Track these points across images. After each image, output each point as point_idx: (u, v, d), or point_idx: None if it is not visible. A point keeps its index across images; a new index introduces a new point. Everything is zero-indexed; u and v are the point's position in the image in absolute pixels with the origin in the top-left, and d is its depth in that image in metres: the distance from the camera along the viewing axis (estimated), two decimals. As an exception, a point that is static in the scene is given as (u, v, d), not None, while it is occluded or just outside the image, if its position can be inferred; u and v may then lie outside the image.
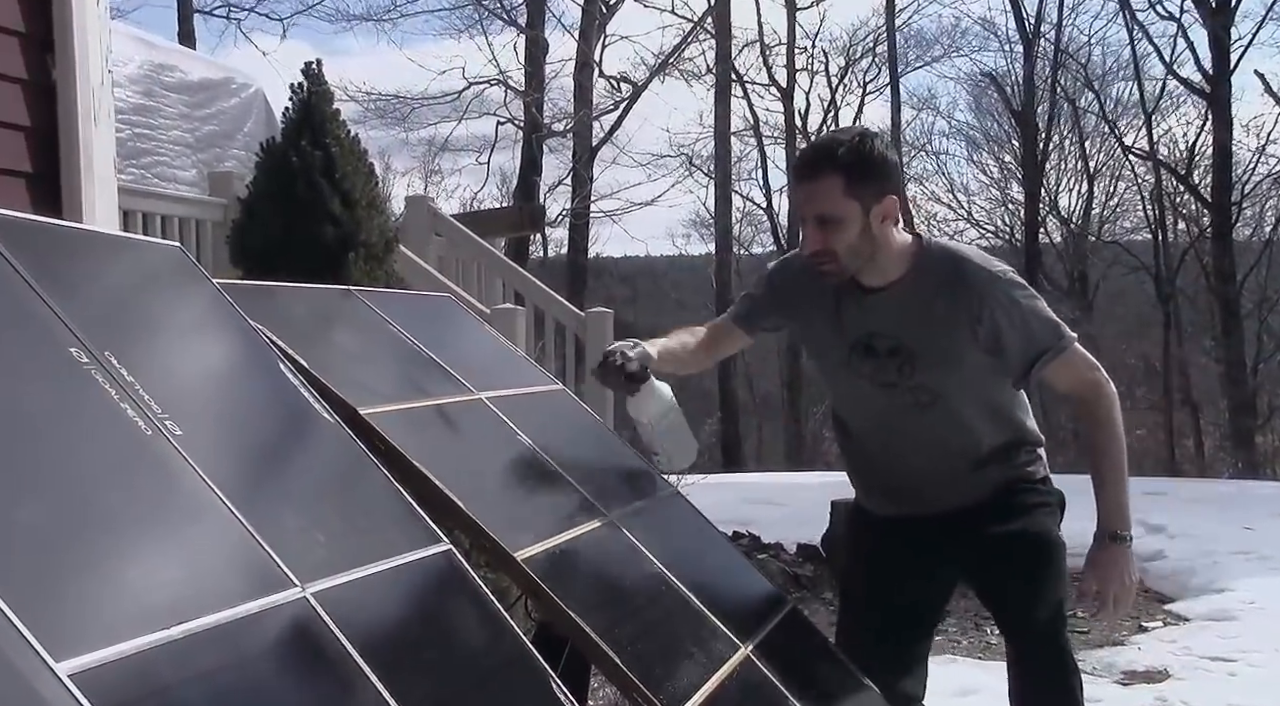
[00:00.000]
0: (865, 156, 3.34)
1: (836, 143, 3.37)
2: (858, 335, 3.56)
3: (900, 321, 3.49)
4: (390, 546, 2.74)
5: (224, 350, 3.07)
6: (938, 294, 3.45)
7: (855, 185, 3.34)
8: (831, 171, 3.33)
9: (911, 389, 3.52)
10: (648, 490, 4.12)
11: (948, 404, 3.52)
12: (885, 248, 3.44)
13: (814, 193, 3.35)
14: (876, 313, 3.53)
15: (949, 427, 3.56)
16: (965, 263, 3.47)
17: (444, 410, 3.68)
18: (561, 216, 29.44)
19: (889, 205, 3.38)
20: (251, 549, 2.34)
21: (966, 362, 3.48)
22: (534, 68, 27.45)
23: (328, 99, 6.89)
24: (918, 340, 3.48)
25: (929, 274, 3.47)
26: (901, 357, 3.50)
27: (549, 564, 3.18)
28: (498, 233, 13.60)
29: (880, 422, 3.64)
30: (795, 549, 9.24)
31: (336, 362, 3.51)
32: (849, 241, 3.37)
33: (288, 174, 6.56)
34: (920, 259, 3.49)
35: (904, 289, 3.49)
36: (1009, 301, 3.43)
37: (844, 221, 3.35)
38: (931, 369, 3.49)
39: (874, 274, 3.50)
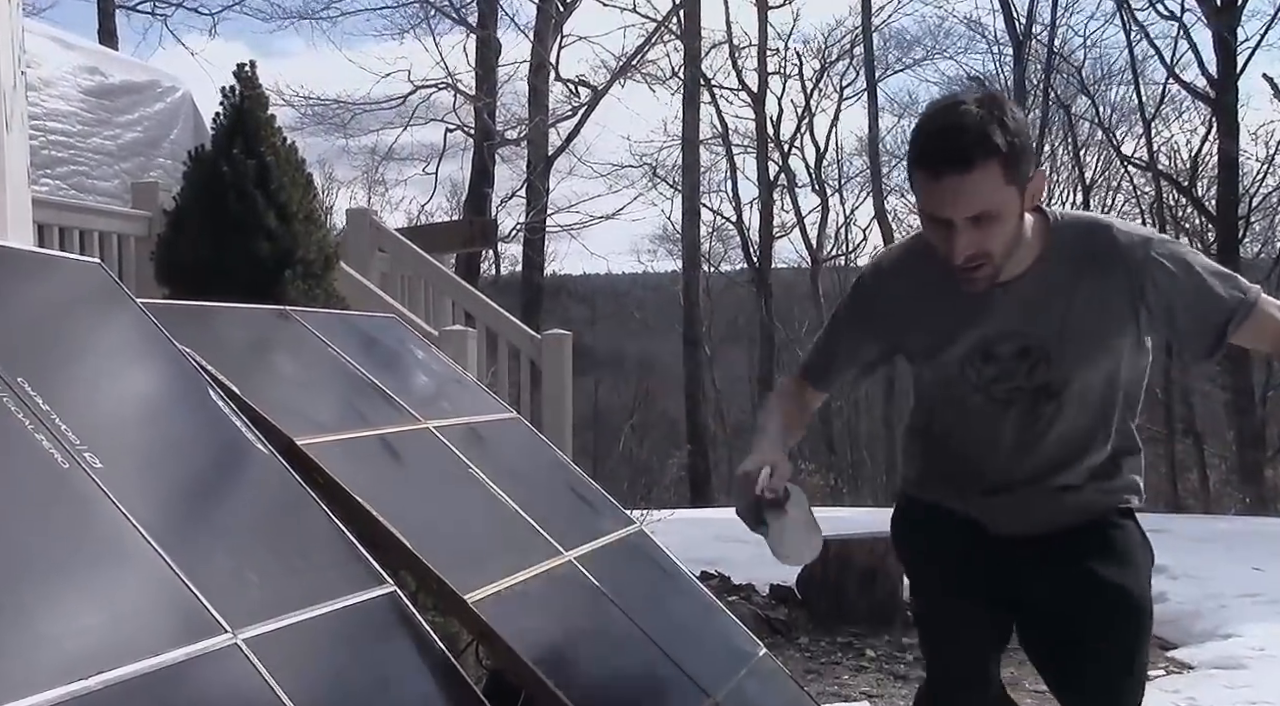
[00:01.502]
0: (1015, 131, 2.85)
1: (984, 117, 2.84)
2: (974, 341, 3.13)
3: (1033, 316, 3.07)
4: (329, 588, 2.73)
5: (149, 376, 3.06)
6: (1082, 273, 3.02)
7: (1014, 168, 2.85)
8: (987, 157, 2.81)
9: (1034, 391, 3.13)
10: (609, 527, 4.12)
11: (1073, 404, 3.13)
12: (1026, 235, 3.01)
13: (969, 187, 2.83)
14: (1001, 310, 3.08)
15: (1067, 437, 3.17)
16: (1108, 230, 3.05)
17: (388, 440, 3.68)
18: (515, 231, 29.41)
19: (1039, 183, 2.96)
20: (178, 592, 2.33)
21: (1114, 352, 3.10)
22: (485, 70, 27.45)
23: (262, 103, 6.86)
24: (1057, 335, 3.06)
25: (1066, 252, 3.04)
26: (1033, 359, 3.10)
27: (502, 607, 3.17)
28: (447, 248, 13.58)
29: (984, 426, 3.22)
30: (768, 590, 9.23)
31: (272, 389, 3.50)
32: (1007, 237, 2.93)
33: (218, 185, 6.54)
34: (1054, 237, 3.05)
35: (1037, 276, 3.05)
36: (1175, 263, 3.01)
37: (1003, 214, 2.88)
38: (1070, 365, 3.09)
39: (1010, 265, 3.03)
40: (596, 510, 4.20)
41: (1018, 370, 3.12)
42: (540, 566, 3.50)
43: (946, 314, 3.13)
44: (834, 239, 33.98)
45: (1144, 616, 3.18)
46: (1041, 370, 3.10)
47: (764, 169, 30.99)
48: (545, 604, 3.41)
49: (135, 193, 9.02)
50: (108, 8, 25.46)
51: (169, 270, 6.67)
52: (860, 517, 12.03)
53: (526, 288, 27.37)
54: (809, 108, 33.41)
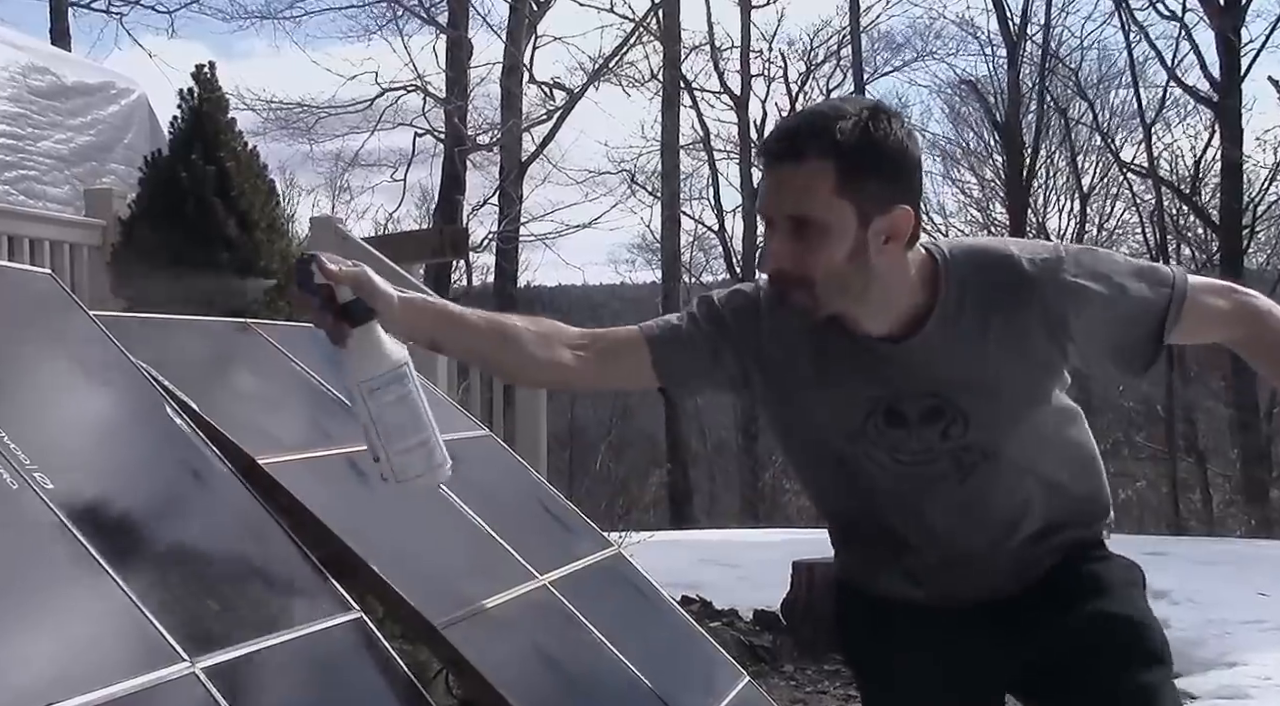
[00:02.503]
0: (875, 141, 2.55)
1: (836, 114, 2.57)
2: (874, 400, 2.77)
3: (942, 370, 2.73)
4: (292, 615, 2.73)
5: (103, 392, 3.06)
6: (989, 315, 2.71)
7: (853, 181, 2.54)
8: (820, 154, 2.53)
9: (957, 452, 2.79)
10: (585, 549, 4.12)
11: (1007, 459, 2.81)
12: (887, 281, 2.64)
13: (789, 181, 2.56)
14: (903, 366, 2.73)
15: (1010, 488, 2.85)
16: (1009, 259, 2.73)
17: (355, 459, 3.67)
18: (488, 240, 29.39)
19: (899, 220, 2.59)
20: (133, 619, 2.32)
21: (1044, 396, 2.82)
22: (456, 72, 27.45)
23: (221, 107, 6.86)
24: (973, 389, 2.75)
25: (966, 293, 2.72)
26: (946, 418, 2.76)
27: (473, 633, 3.17)
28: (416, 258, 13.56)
29: (901, 501, 2.86)
30: (752, 616, 9.22)
31: (232, 406, 3.49)
32: (832, 263, 2.57)
33: (176, 191, 6.53)
34: (946, 277, 2.72)
35: (935, 326, 2.71)
36: (1095, 280, 2.73)
37: (828, 231, 2.55)
38: (993, 421, 2.78)
39: (871, 315, 2.70)
40: (572, 532, 4.20)
41: (927, 433, 2.77)
42: (513, 591, 3.50)
43: (835, 365, 2.76)
44: (820, 248, 33.99)
45: (1164, 646, 2.90)
46: (957, 432, 2.76)
47: (747, 175, 30.99)
48: (518, 630, 3.41)
49: (89, 199, 8.99)
50: (60, 7, 25.40)
51: (124, 281, 6.65)
52: (848, 540, 12.01)
53: (499, 299, 27.33)
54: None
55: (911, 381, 2.74)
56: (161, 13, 26.99)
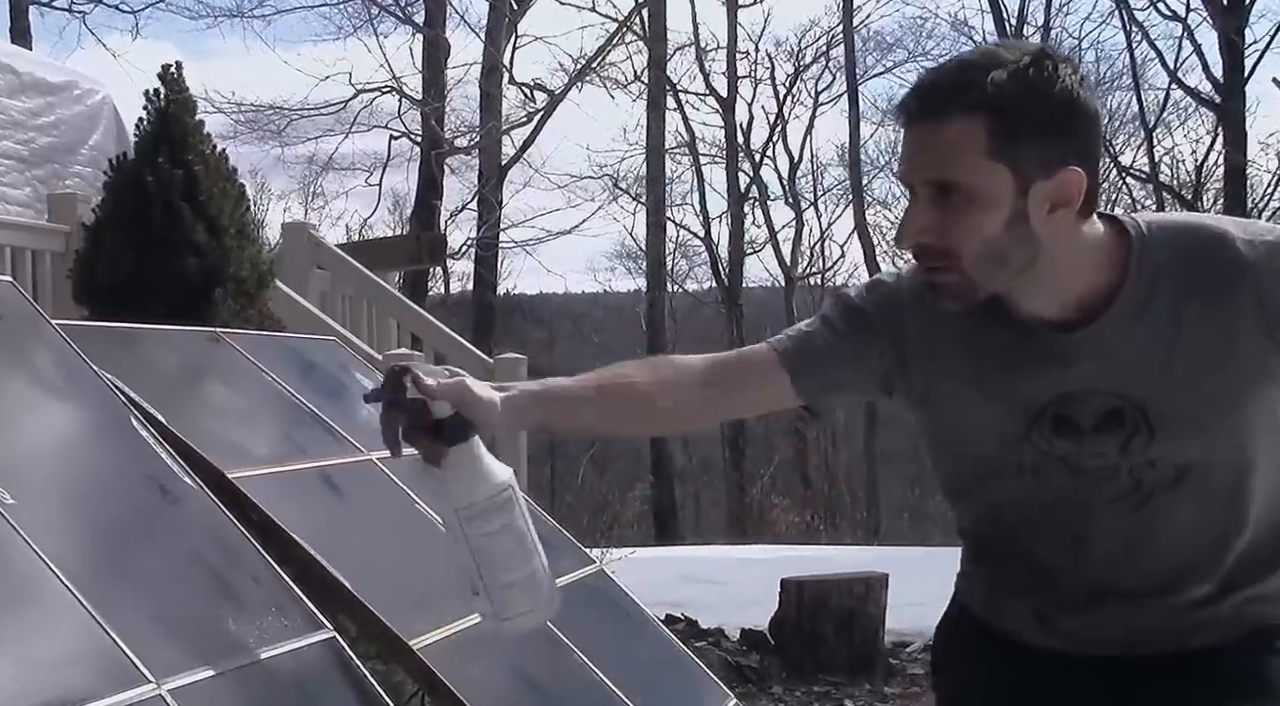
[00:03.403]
0: (1037, 92, 2.24)
1: (989, 62, 2.26)
2: (1041, 403, 2.42)
3: (1123, 367, 2.38)
4: (262, 634, 2.73)
5: (66, 405, 3.05)
6: (1186, 303, 2.35)
7: (1009, 140, 2.23)
8: (967, 111, 2.23)
9: (1138, 469, 2.41)
10: (566, 566, 4.13)
11: (1198, 485, 2.41)
12: (1057, 256, 2.31)
13: (931, 142, 2.27)
14: (1076, 361, 2.39)
15: (1194, 524, 2.44)
16: (1222, 238, 2.36)
17: (328, 473, 3.67)
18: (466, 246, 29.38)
19: (1067, 184, 2.26)
20: (97, 639, 2.32)
21: (1255, 409, 2.40)
22: (433, 73, 27.42)
23: (189, 108, 6.84)
24: (1162, 392, 2.37)
25: (1163, 276, 2.36)
26: (1128, 428, 2.39)
27: (450, 654, 3.17)
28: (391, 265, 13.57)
29: (1059, 522, 2.50)
30: (738, 635, 9.23)
31: (201, 419, 3.49)
32: (984, 235, 2.27)
33: (142, 196, 6.52)
34: (1140, 256, 2.36)
35: (1123, 314, 2.36)
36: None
37: (978, 198, 2.25)
38: (1186, 434, 2.38)
39: (1038, 295, 2.37)
40: (553, 549, 4.19)
41: (1106, 442, 2.40)
42: (492, 610, 3.50)
43: (994, 360, 2.44)
44: (809, 255, 34.00)
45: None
46: (1140, 445, 2.38)
47: (734, 180, 31.03)
48: (496, 650, 3.41)
49: (51, 204, 8.97)
50: (20, 5, 25.35)
51: (88, 289, 6.64)
52: (838, 556, 12.06)
53: (478, 308, 27.34)
54: (782, 114, 33.39)
55: (1086, 379, 2.39)
56: (126, 12, 26.92)
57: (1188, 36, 27.63)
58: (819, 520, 27.13)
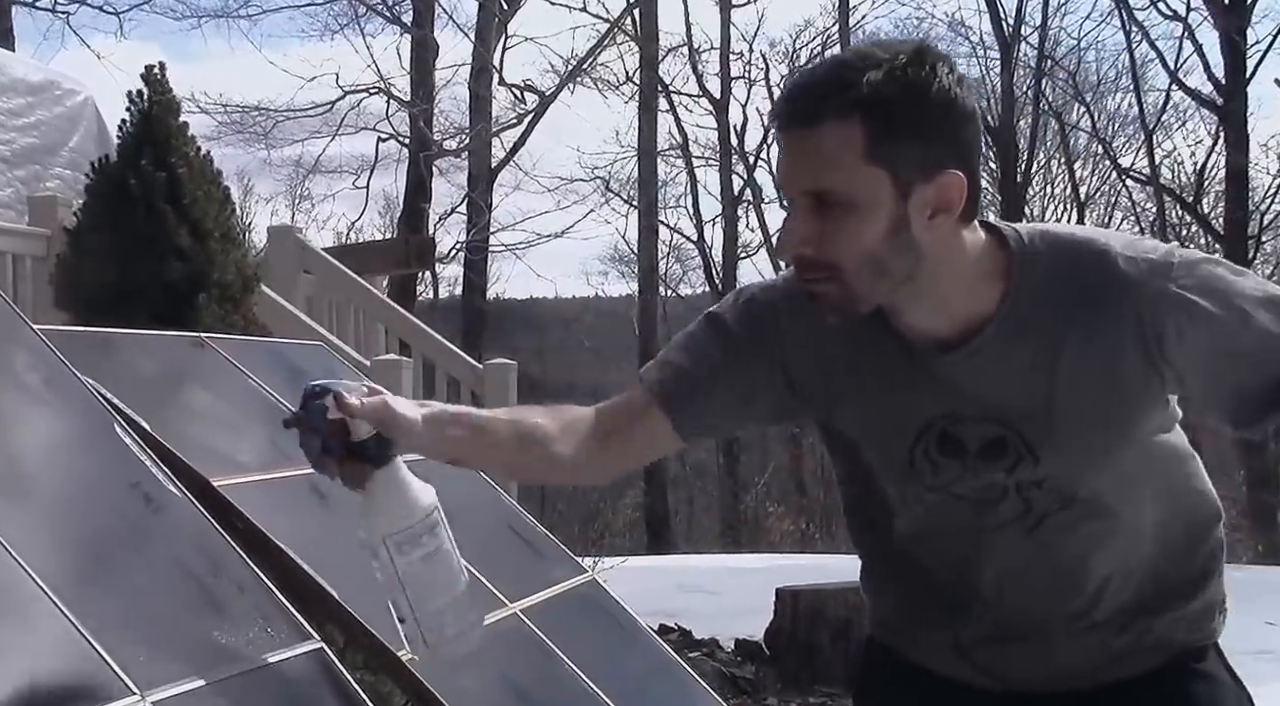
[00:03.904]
0: (914, 91, 2.14)
1: (864, 63, 2.15)
2: (925, 421, 2.34)
3: (1001, 390, 2.29)
4: (249, 645, 2.72)
5: (48, 412, 3.05)
6: (1067, 324, 2.26)
7: (887, 142, 2.13)
8: (842, 113, 2.12)
9: (1026, 489, 2.33)
10: (558, 576, 4.12)
11: (1088, 507, 2.35)
12: (938, 265, 2.22)
13: (806, 148, 2.16)
14: (956, 382, 2.30)
15: (1089, 546, 2.38)
16: (1103, 255, 2.26)
17: (315, 481, 3.67)
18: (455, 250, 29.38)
19: (948, 188, 2.16)
20: (80, 650, 2.32)
21: (1136, 432, 2.35)
22: (421, 74, 27.43)
23: (173, 110, 6.84)
24: (1041, 417, 2.29)
25: (1044, 293, 2.27)
26: (1011, 455, 2.31)
27: (440, 665, 3.17)
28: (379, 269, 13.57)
29: (953, 549, 2.43)
30: (733, 645, 9.23)
31: (186, 426, 3.49)
32: (864, 245, 2.16)
33: (125, 199, 6.51)
34: (1022, 271, 2.27)
35: (1000, 331, 2.26)
36: (1209, 297, 2.24)
37: (857, 206, 2.14)
38: (1070, 460, 2.31)
39: (921, 310, 2.27)
40: (544, 557, 4.20)
41: (989, 466, 2.32)
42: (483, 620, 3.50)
43: (876, 375, 2.36)
44: (804, 259, 33.99)
45: None
46: (1025, 470, 2.31)
47: (727, 182, 31.08)
48: (488, 661, 3.41)
49: (32, 207, 8.97)
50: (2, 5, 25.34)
51: (70, 294, 6.64)
52: (834, 565, 12.05)
53: (467, 313, 27.34)
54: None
55: (967, 402, 2.29)
56: (110, 13, 26.91)
57: (1188, 37, 27.69)
58: (814, 528, 27.10)
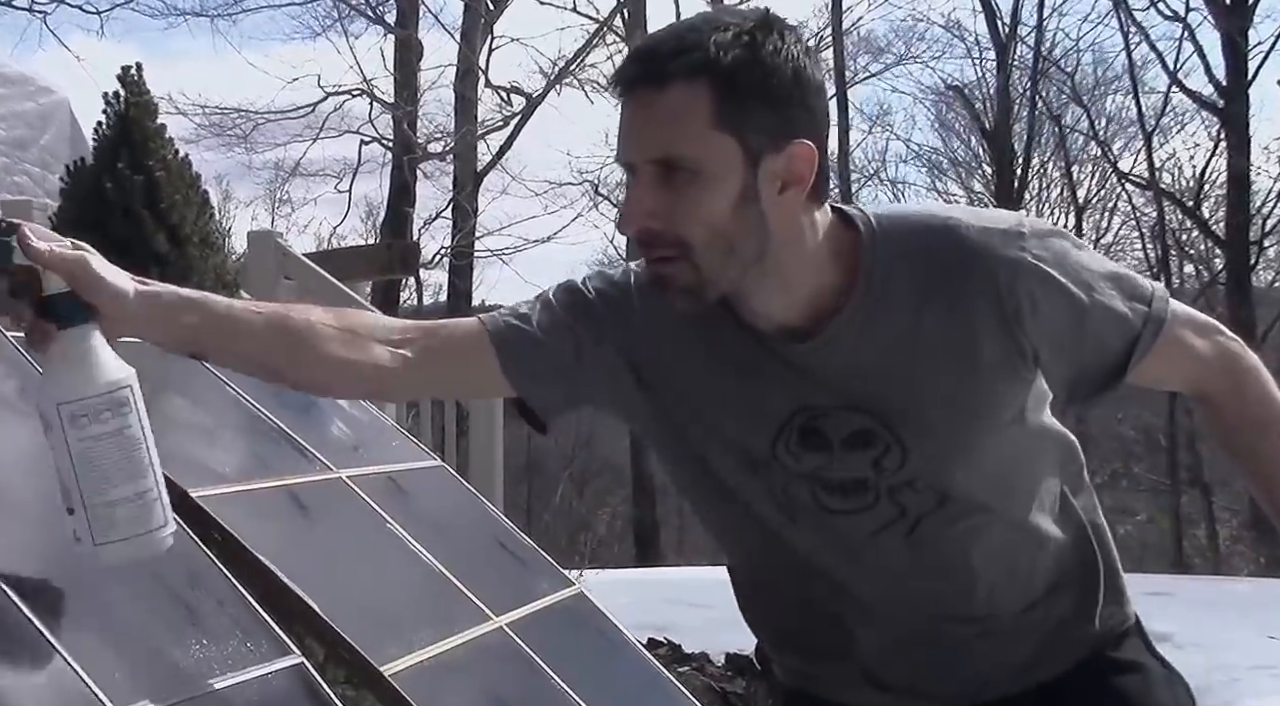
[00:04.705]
0: (762, 57, 2.06)
1: (710, 26, 2.08)
2: (784, 416, 2.22)
3: (861, 379, 2.19)
4: (226, 660, 2.71)
5: (20, 420, 3.04)
6: (922, 304, 2.18)
7: (735, 107, 2.05)
8: (688, 75, 2.04)
9: (898, 491, 2.24)
10: (545, 589, 4.12)
11: (964, 501, 2.26)
12: (786, 246, 2.12)
13: (651, 113, 2.07)
14: (813, 373, 2.19)
15: (971, 541, 2.29)
16: (952, 230, 2.18)
17: (296, 492, 3.66)
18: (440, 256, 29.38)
19: (799, 158, 2.08)
20: (54, 667, 2.31)
21: (1004, 414, 2.24)
22: (405, 75, 27.42)
23: (150, 112, 6.83)
24: (906, 405, 2.20)
25: (895, 274, 2.18)
26: (878, 446, 2.21)
27: (423, 680, 3.16)
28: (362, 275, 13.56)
29: (829, 562, 2.30)
30: (724, 660, 9.22)
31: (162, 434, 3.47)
32: (712, 217, 2.07)
33: (101, 203, 6.51)
34: (870, 253, 2.18)
35: (854, 317, 2.17)
36: (1062, 269, 2.19)
37: (704, 174, 2.05)
38: (939, 449, 2.22)
39: (768, 296, 2.17)
40: (530, 569, 4.19)
41: (856, 460, 2.22)
42: (466, 634, 3.50)
43: (730, 368, 2.23)
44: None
45: None
46: (893, 463, 2.21)
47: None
48: (472, 676, 3.41)
49: (5, 210, 8.95)
50: (-21, 4, 25.31)
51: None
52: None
53: (452, 319, 27.27)
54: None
55: (827, 392, 2.20)
56: (90, 12, 26.87)
57: (1189, 37, 27.71)
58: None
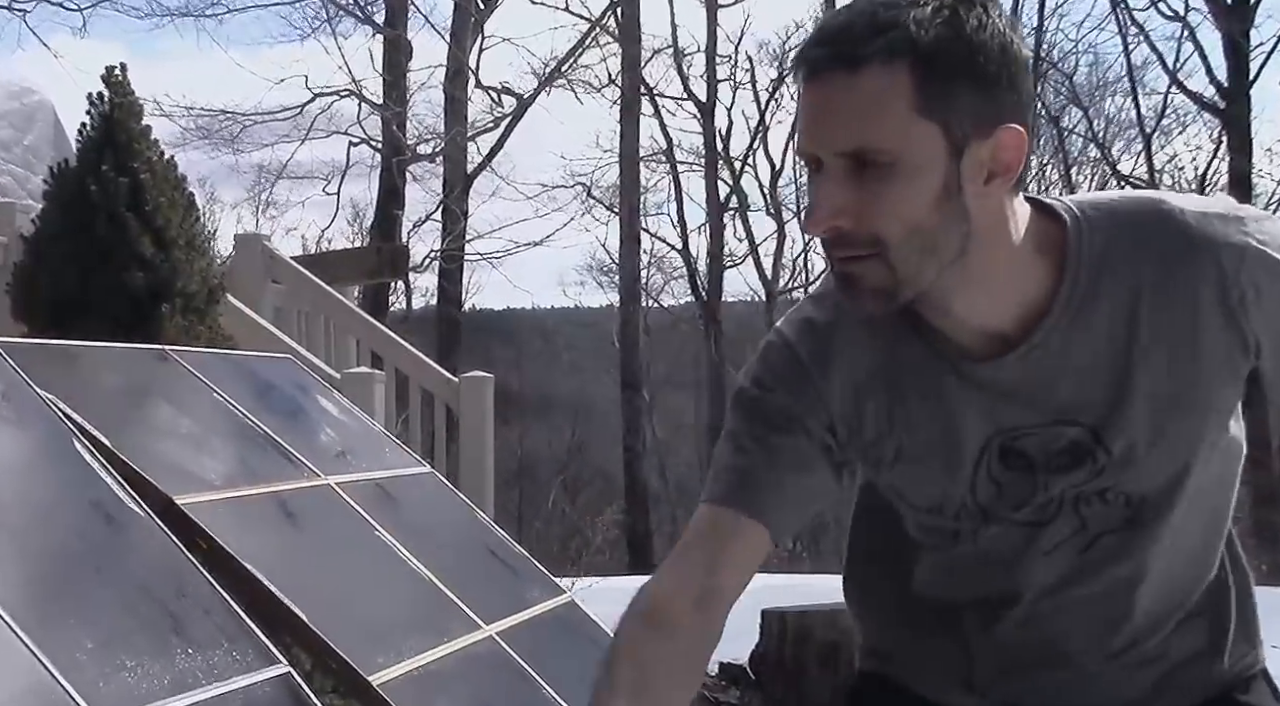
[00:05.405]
0: (966, 33, 1.87)
1: (906, 1, 1.88)
2: (981, 441, 2.06)
3: (1079, 379, 2.02)
4: (213, 670, 2.72)
5: (5, 427, 3.04)
6: (1140, 288, 2.00)
7: (940, 92, 1.86)
8: (887, 58, 1.85)
9: (1086, 503, 2.10)
10: (536, 597, 4.12)
11: (1158, 516, 2.10)
12: (990, 243, 1.94)
13: (844, 100, 1.87)
14: (1019, 384, 2.02)
15: (1136, 565, 2.15)
16: (1169, 216, 2.01)
17: (283, 499, 3.67)
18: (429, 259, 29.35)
19: (1007, 145, 1.88)
20: (37, 677, 2.31)
21: (1218, 410, 2.09)
22: (395, 76, 27.36)
23: (135, 113, 6.82)
24: (1123, 396, 2.02)
25: (1104, 270, 2.00)
26: (1087, 451, 2.05)
27: (412, 689, 3.17)
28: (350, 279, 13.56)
29: (993, 573, 2.18)
30: (717, 669, 9.23)
31: (148, 441, 3.48)
32: (914, 214, 1.88)
33: (85, 206, 6.50)
34: (1078, 243, 2.00)
35: (1065, 319, 1.99)
36: None
37: (904, 167, 1.86)
38: (1148, 461, 2.05)
39: (968, 300, 1.97)
40: (521, 577, 4.20)
41: (1065, 479, 2.06)
42: (456, 643, 3.50)
43: (921, 398, 2.06)
44: (791, 268, 34.01)
45: None
46: (1093, 472, 2.05)
47: (713, 189, 31.03)
48: (462, 685, 3.41)
49: (-9, 213, 8.94)
50: (-41, 3, 25.28)
51: (28, 304, 6.61)
52: (822, 585, 12.05)
53: (442, 324, 27.29)
54: (763, 120, 33.31)
55: (1031, 409, 2.03)
56: (72, 9, 26.82)
57: (1189, 38, 27.69)
58: (801, 547, 27.14)
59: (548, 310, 39.50)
